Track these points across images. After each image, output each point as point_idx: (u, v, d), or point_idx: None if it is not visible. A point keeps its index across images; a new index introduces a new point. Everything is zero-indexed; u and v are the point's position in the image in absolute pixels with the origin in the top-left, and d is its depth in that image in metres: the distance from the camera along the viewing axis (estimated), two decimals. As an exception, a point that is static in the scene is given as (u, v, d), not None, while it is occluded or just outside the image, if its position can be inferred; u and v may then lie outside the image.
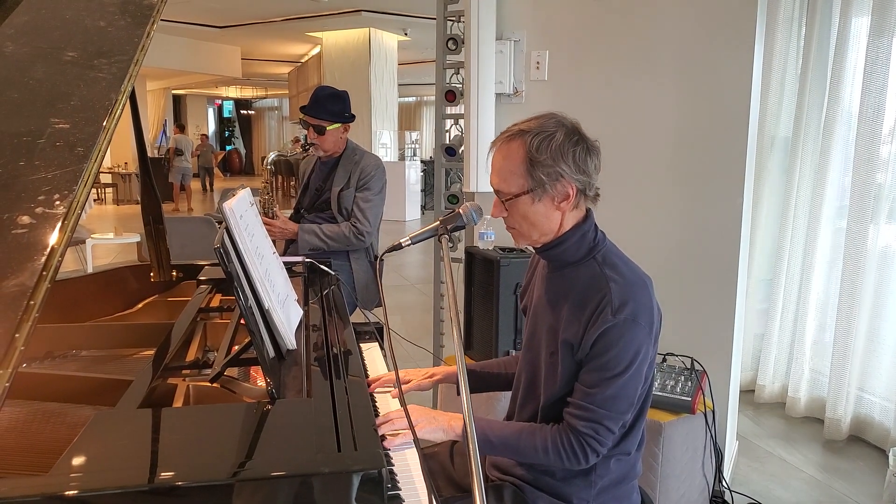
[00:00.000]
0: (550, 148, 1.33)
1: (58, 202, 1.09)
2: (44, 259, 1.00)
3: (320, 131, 2.91)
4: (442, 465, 1.66)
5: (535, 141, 1.33)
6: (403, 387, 1.61)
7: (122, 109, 1.38)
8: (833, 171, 3.39)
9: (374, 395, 1.55)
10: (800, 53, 3.57)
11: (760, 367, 3.80)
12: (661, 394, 2.42)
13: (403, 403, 1.30)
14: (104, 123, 1.28)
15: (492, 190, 1.43)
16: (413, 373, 1.68)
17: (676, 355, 2.63)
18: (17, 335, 0.89)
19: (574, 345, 1.36)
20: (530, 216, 1.37)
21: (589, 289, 1.37)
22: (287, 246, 3.03)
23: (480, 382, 1.71)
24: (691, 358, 2.59)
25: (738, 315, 2.73)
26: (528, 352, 1.51)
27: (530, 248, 1.52)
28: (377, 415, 1.41)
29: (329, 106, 2.91)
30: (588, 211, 1.43)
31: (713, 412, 2.51)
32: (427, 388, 1.66)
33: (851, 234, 3.24)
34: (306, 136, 3.01)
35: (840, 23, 3.24)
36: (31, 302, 0.94)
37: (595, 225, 1.44)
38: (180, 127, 14.63)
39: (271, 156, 3.09)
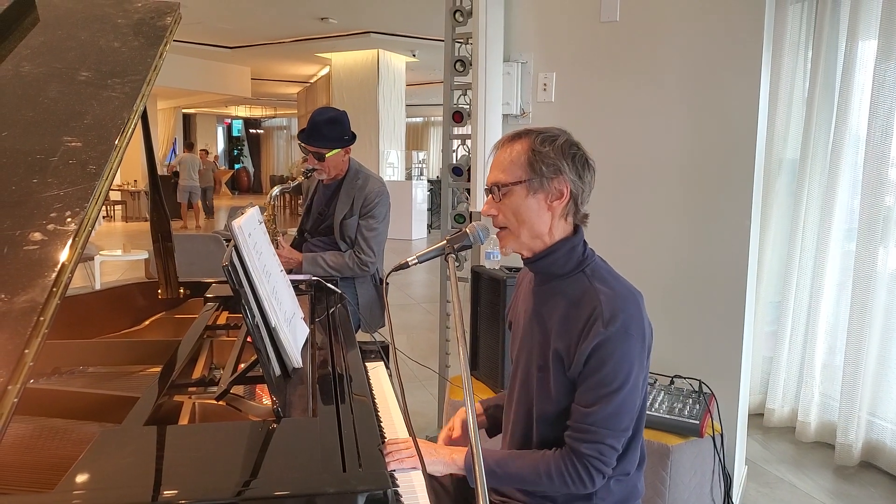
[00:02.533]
0: (554, 144, 1.39)
1: (69, 219, 1.11)
2: (54, 275, 1.01)
3: (320, 158, 2.82)
4: (445, 487, 1.65)
5: (540, 137, 1.40)
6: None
7: (134, 128, 1.40)
8: (841, 194, 3.39)
9: (380, 417, 1.55)
10: (807, 76, 3.58)
11: (769, 390, 3.77)
12: (668, 416, 2.40)
13: (412, 433, 1.29)
14: (116, 142, 1.29)
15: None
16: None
17: (684, 377, 2.61)
18: (26, 351, 0.90)
19: (565, 358, 1.36)
20: (522, 211, 1.39)
21: (579, 301, 1.37)
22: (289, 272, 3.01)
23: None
24: (699, 380, 2.57)
25: (747, 337, 2.72)
26: (519, 367, 1.50)
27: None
28: (382, 436, 1.40)
29: (326, 132, 2.81)
30: (577, 227, 1.45)
31: (721, 436, 2.48)
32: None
33: (860, 256, 3.22)
34: (305, 159, 2.95)
35: (847, 46, 3.26)
36: (41, 318, 0.94)
37: (584, 241, 1.45)
38: (188, 146, 14.71)
39: (275, 191, 3.03)
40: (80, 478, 0.95)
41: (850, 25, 3.23)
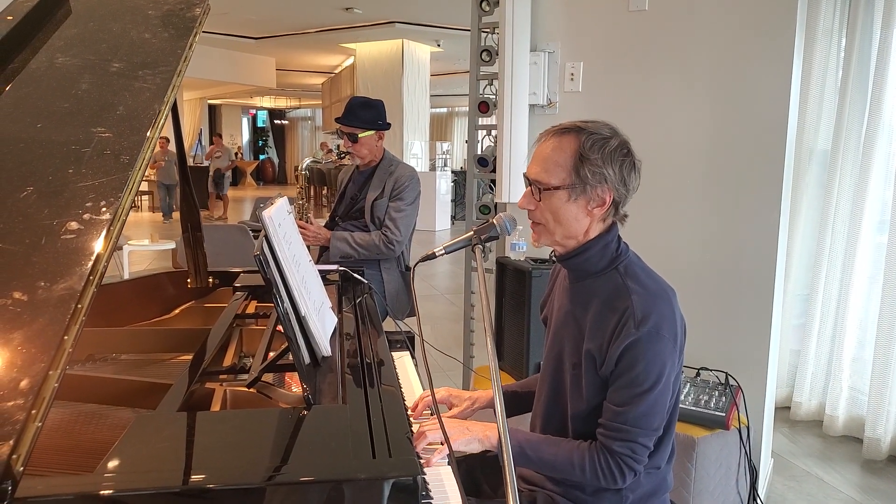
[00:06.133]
0: (603, 150, 1.33)
1: (104, 209, 1.13)
2: (90, 264, 1.03)
3: (353, 139, 2.95)
4: (472, 475, 1.66)
5: (590, 140, 1.33)
6: (448, 413, 1.61)
7: (165, 120, 1.42)
8: (873, 185, 3.33)
9: (407, 406, 1.56)
10: (840, 65, 3.52)
11: (796, 383, 3.73)
12: (694, 409, 2.39)
13: (438, 414, 1.30)
14: (148, 133, 1.31)
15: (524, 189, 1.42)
16: (455, 394, 1.67)
17: (710, 370, 2.59)
18: (65, 337, 0.92)
19: (597, 357, 1.35)
20: (561, 214, 1.36)
21: (611, 300, 1.36)
22: (320, 253, 3.07)
23: (523, 404, 1.69)
24: (726, 373, 2.56)
25: (774, 330, 2.69)
26: (550, 364, 1.50)
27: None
28: (410, 425, 1.41)
29: (360, 114, 2.95)
30: (613, 223, 1.42)
31: (748, 428, 2.46)
32: (469, 416, 1.65)
33: (893, 249, 3.17)
34: (338, 145, 3.05)
35: (882, 34, 3.19)
36: (79, 305, 0.97)
37: (619, 236, 1.43)
38: (219, 136, 14.84)
39: (306, 161, 3.13)
40: (118, 461, 0.98)
41: (885, 13, 3.16)
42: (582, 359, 1.38)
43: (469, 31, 3.22)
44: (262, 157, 25.38)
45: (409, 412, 1.54)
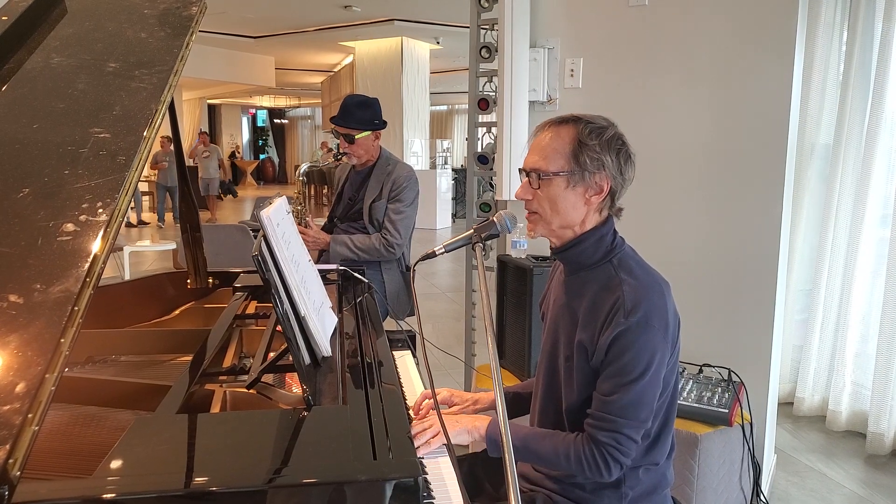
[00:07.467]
0: (601, 137, 1.35)
1: (100, 210, 1.12)
2: (87, 266, 1.02)
3: (350, 140, 2.90)
4: (474, 474, 1.65)
5: (588, 128, 1.35)
6: (449, 410, 1.61)
7: (162, 119, 1.41)
8: (876, 179, 3.32)
9: (408, 405, 1.55)
10: (841, 59, 3.50)
11: (799, 379, 3.72)
12: (697, 405, 2.38)
13: (438, 410, 1.30)
14: (145, 133, 1.31)
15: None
16: (458, 394, 1.66)
17: (713, 366, 2.58)
18: (62, 340, 0.91)
19: (588, 348, 1.35)
20: (559, 202, 1.37)
21: (603, 291, 1.36)
22: (320, 254, 3.05)
23: (525, 405, 1.67)
24: (728, 369, 2.54)
25: (777, 326, 2.68)
26: (546, 357, 1.50)
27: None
28: (412, 423, 1.41)
29: (357, 114, 2.91)
30: (609, 216, 1.43)
31: (751, 425, 2.45)
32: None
33: (895, 243, 3.15)
34: (338, 145, 3.01)
35: (883, 27, 3.17)
36: (76, 308, 0.96)
37: (614, 230, 1.43)
38: (204, 133, 14.77)
39: (304, 167, 3.09)
40: (117, 464, 0.97)
41: (887, 6, 3.15)
42: (574, 350, 1.38)
43: (468, 27, 3.20)
44: (262, 156, 25.35)
45: (410, 411, 1.53)
